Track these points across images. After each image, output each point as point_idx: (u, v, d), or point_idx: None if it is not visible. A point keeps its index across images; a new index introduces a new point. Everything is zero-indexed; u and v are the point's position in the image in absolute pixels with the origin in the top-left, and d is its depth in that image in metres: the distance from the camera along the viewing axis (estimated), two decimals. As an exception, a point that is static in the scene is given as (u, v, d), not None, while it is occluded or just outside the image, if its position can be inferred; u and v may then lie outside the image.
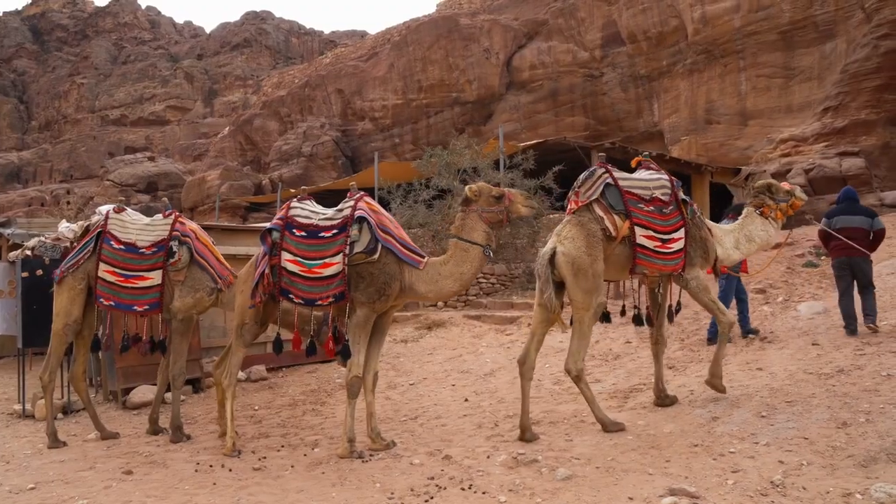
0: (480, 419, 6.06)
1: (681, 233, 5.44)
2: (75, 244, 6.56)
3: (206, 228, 9.11)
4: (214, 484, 4.74)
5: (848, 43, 20.96)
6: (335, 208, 5.43)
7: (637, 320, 5.87)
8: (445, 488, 4.32)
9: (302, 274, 5.18)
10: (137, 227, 6.19)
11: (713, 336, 7.43)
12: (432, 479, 4.51)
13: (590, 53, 30.01)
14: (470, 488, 4.28)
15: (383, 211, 5.43)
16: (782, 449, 4.38)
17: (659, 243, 5.36)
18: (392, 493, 4.30)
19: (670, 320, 5.81)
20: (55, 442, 6.08)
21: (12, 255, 7.51)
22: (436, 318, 11.22)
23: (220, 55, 70.10)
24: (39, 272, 7.40)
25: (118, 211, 6.32)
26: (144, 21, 79.48)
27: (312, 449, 5.50)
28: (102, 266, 6.02)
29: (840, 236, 7.13)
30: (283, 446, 5.64)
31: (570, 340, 5.39)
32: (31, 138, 68.57)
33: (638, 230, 5.32)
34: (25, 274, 7.33)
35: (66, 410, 7.44)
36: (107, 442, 6.14)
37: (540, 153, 16.34)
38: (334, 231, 5.21)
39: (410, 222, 14.29)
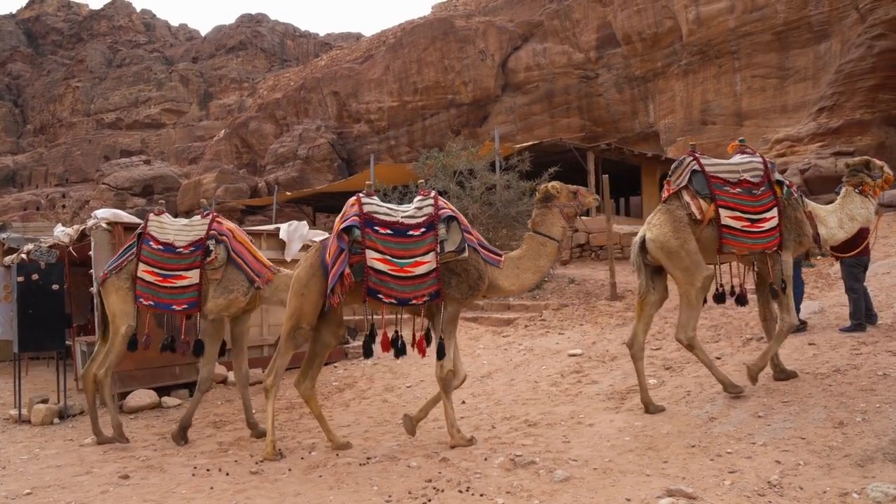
0: (478, 421, 6.06)
1: (773, 212, 5.52)
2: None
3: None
4: (212, 488, 4.73)
5: (842, 43, 21.04)
6: (413, 206, 5.44)
7: (719, 299, 5.91)
8: (443, 491, 4.32)
9: (392, 273, 5.12)
10: (175, 227, 6.27)
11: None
12: (430, 481, 4.51)
13: (585, 55, 30.06)
14: (467, 490, 4.28)
15: (457, 211, 5.52)
16: (779, 449, 4.38)
17: (747, 223, 5.48)
18: (389, 496, 4.30)
19: (773, 296, 5.79)
20: (121, 437, 6.10)
21: (8, 259, 7.49)
22: (433, 320, 11.19)
23: (216, 58, 70.04)
24: (35, 276, 7.38)
25: (158, 213, 6.41)
26: (139, 24, 79.38)
27: (310, 452, 5.49)
28: (141, 266, 6.07)
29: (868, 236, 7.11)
30: (280, 449, 5.63)
31: (680, 313, 5.61)
32: (27, 142, 68.43)
33: (723, 212, 5.47)
34: (21, 279, 7.31)
35: (63, 415, 7.41)
36: (103, 446, 6.12)
37: (536, 155, 16.37)
38: (422, 229, 5.23)
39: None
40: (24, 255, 7.27)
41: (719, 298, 5.90)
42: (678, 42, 26.26)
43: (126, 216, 8.62)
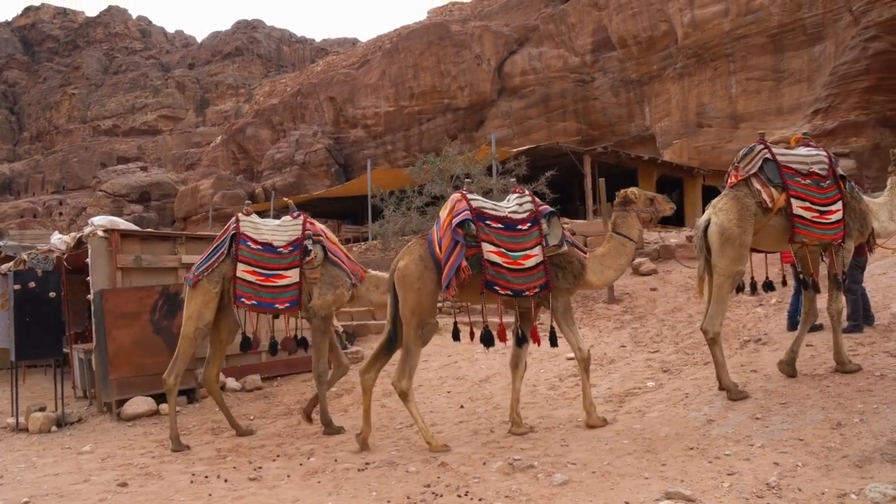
0: (476, 426, 6.06)
1: (839, 205, 5.65)
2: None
3: (199, 238, 9.12)
4: (210, 495, 4.72)
5: (837, 45, 21.11)
6: (513, 203, 5.60)
7: (805, 285, 6.09)
8: (442, 495, 4.32)
9: (507, 266, 5.29)
10: (269, 228, 6.33)
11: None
12: (428, 486, 4.50)
13: (581, 58, 30.12)
14: (466, 495, 4.27)
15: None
16: (777, 450, 4.39)
17: (817, 214, 5.59)
18: (388, 502, 4.30)
19: (837, 287, 5.86)
20: (178, 445, 6.07)
21: (4, 267, 7.48)
22: (431, 325, 11.19)
23: (212, 64, 70.06)
24: (32, 284, 7.37)
25: (247, 214, 6.44)
26: (135, 31, 79.41)
27: (308, 458, 5.48)
28: (241, 266, 6.08)
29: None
30: (278, 456, 5.62)
31: (709, 305, 5.72)
32: (23, 149, 68.36)
33: (795, 202, 5.56)
34: (18, 286, 7.29)
35: (60, 423, 7.39)
36: (101, 454, 6.10)
37: (532, 158, 16.42)
38: (528, 224, 5.42)
39: (404, 229, 14.30)
40: (21, 263, 7.24)
41: (768, 286, 6.07)
42: (673, 45, 26.34)
43: (123, 223, 8.61)
